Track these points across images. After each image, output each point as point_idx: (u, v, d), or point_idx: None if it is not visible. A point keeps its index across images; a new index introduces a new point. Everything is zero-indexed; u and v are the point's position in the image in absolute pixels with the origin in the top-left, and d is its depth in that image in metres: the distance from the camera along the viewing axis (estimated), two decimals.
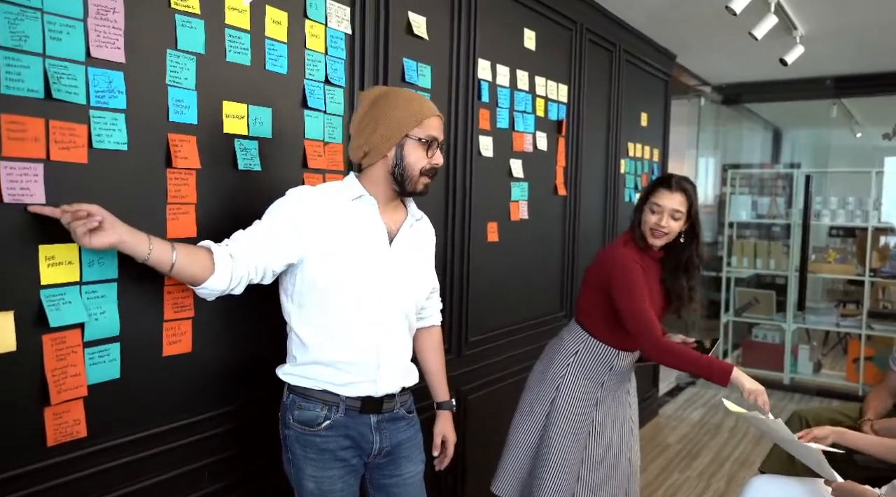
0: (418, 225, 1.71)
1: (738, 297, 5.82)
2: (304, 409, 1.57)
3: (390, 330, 1.61)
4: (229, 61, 1.67)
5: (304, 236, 1.51)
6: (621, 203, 3.91)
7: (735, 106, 6.13)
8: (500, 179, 2.83)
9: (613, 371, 2.19)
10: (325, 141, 1.96)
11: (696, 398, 5.09)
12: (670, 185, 2.07)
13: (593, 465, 2.18)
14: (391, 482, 1.68)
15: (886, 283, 5.45)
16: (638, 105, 4.11)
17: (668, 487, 3.45)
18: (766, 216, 6.08)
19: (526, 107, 2.95)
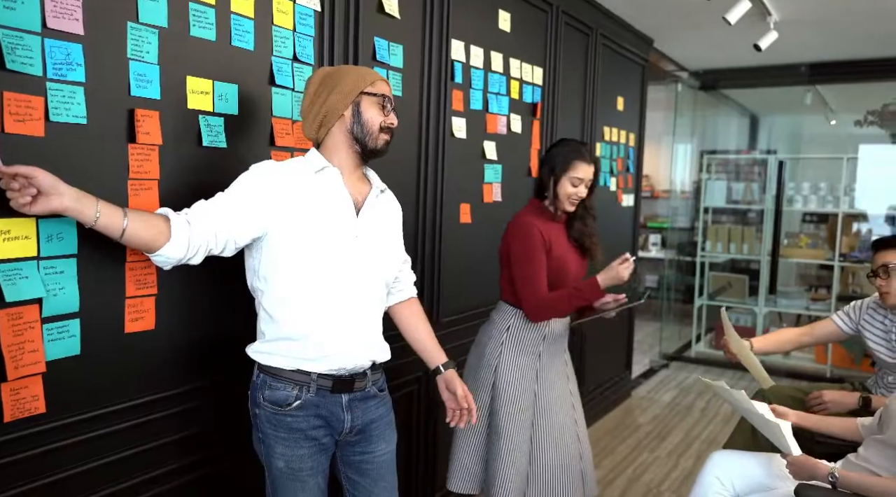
0: (383, 197, 1.71)
1: (713, 282, 5.90)
2: (275, 388, 1.56)
3: (361, 302, 1.61)
4: (194, 36, 1.65)
5: (268, 209, 1.50)
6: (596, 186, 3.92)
7: (712, 92, 6.17)
8: (474, 161, 2.83)
9: (547, 338, 2.22)
10: (293, 119, 1.94)
11: (669, 380, 5.16)
12: (586, 158, 2.17)
13: (544, 448, 2.21)
14: (362, 459, 1.69)
15: (856, 267, 5.54)
16: (614, 89, 4.12)
17: (638, 466, 3.51)
18: (741, 202, 6.15)
19: (500, 89, 2.94)
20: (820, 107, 6.60)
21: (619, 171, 4.25)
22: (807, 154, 7.01)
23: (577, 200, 2.18)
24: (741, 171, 6.74)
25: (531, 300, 2.12)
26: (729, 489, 2.05)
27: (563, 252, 2.17)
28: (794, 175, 6.07)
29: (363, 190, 1.65)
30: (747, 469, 2.05)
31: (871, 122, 6.09)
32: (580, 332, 3.84)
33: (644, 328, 6.29)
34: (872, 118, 6.06)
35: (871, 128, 6.18)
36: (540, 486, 2.22)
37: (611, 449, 3.74)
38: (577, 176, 2.16)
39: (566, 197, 2.17)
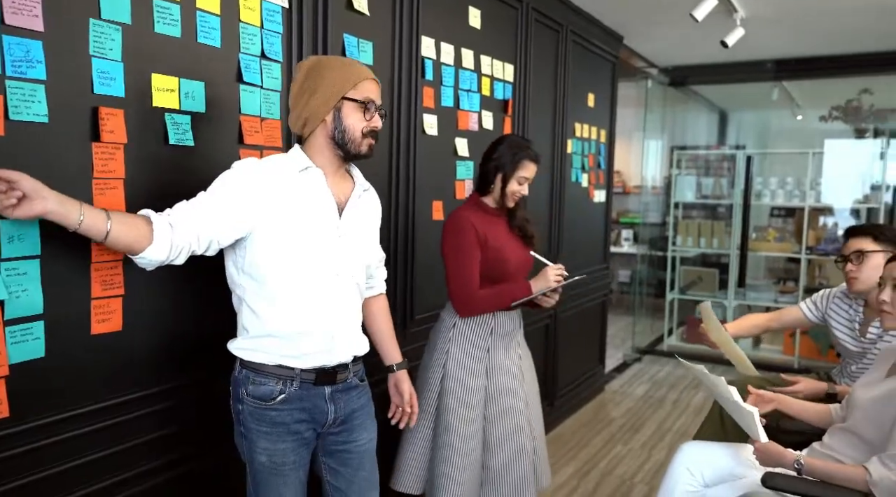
0: (366, 195, 1.73)
1: (683, 276, 5.99)
2: (258, 383, 1.57)
3: (343, 300, 1.63)
4: (158, 32, 1.63)
5: (252, 208, 1.50)
6: (568, 183, 3.96)
7: (681, 88, 6.24)
8: (445, 158, 2.84)
9: (495, 333, 2.23)
10: (261, 116, 1.93)
11: (642, 374, 5.23)
12: (534, 158, 2.21)
13: (496, 444, 2.21)
14: (343, 448, 1.71)
15: (822, 260, 5.66)
16: (585, 86, 4.15)
17: (611, 459, 3.55)
18: (711, 197, 6.24)
19: (471, 85, 2.95)
20: (786, 102, 6.72)
21: (590, 167, 4.29)
22: (774, 149, 7.13)
23: (518, 197, 2.23)
24: (711, 167, 6.84)
25: (460, 295, 2.16)
26: (699, 479, 2.08)
27: (501, 243, 2.19)
28: (761, 170, 6.17)
29: (346, 189, 1.66)
30: (716, 459, 2.09)
31: (835, 118, 6.23)
32: (553, 327, 3.87)
33: (617, 323, 6.36)
34: (837, 114, 6.19)
35: (835, 123, 6.32)
36: (493, 482, 2.23)
37: (585, 442, 3.78)
38: (525, 175, 2.20)
39: (512, 195, 2.21)
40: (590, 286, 4.37)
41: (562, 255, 3.87)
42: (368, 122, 1.60)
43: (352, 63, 1.62)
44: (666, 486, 2.12)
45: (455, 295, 2.17)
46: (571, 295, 4.08)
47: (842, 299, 2.59)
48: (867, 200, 5.55)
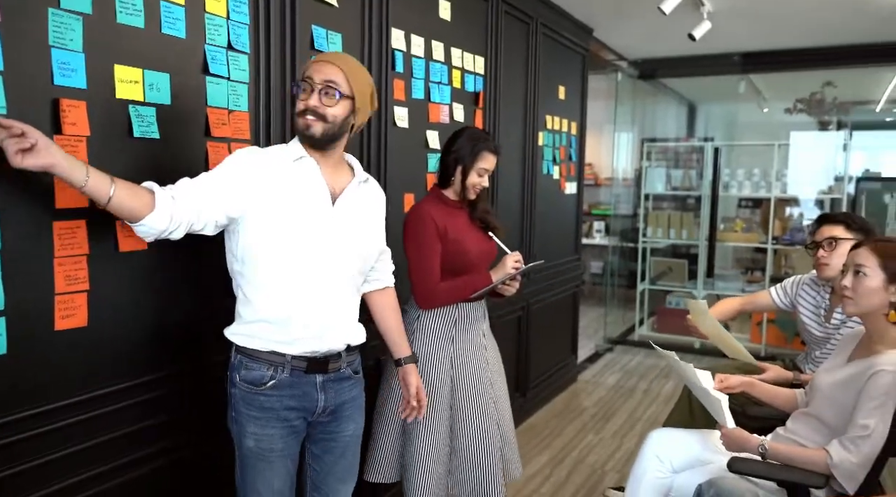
0: (365, 187, 1.74)
1: (654, 267, 6.07)
2: (250, 369, 1.60)
3: (335, 289, 1.64)
4: (120, 23, 1.60)
5: (247, 191, 1.53)
6: (539, 175, 3.98)
7: (651, 81, 6.31)
8: (417, 151, 2.83)
9: (459, 324, 2.25)
10: (229, 109, 1.91)
11: (614, 363, 5.29)
12: (494, 149, 2.23)
13: (464, 434, 2.23)
14: (329, 437, 1.74)
15: (788, 250, 5.78)
16: (556, 78, 4.17)
17: (583, 448, 3.60)
18: (681, 188, 6.32)
19: (442, 78, 2.95)
20: (753, 95, 6.84)
21: (561, 159, 4.32)
22: (741, 141, 7.25)
23: (479, 189, 2.24)
24: (680, 159, 6.93)
25: (421, 288, 2.17)
26: (667, 465, 2.12)
27: (461, 235, 2.21)
28: (729, 162, 6.27)
29: (343, 180, 1.68)
30: (684, 446, 2.13)
31: (800, 110, 6.35)
32: (526, 319, 3.90)
33: (589, 313, 6.42)
34: (801, 106, 6.32)
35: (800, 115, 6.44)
36: (462, 472, 2.25)
37: (558, 431, 3.82)
38: (485, 166, 2.21)
39: (472, 187, 2.22)
40: (562, 278, 4.41)
41: (534, 246, 3.90)
42: (300, 101, 1.59)
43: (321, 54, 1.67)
44: (635, 473, 2.15)
45: (417, 288, 2.18)
46: (544, 286, 4.11)
47: (811, 286, 2.66)
48: (831, 191, 5.67)
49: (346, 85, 1.58)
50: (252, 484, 1.63)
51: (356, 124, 1.65)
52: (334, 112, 1.58)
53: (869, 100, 7.29)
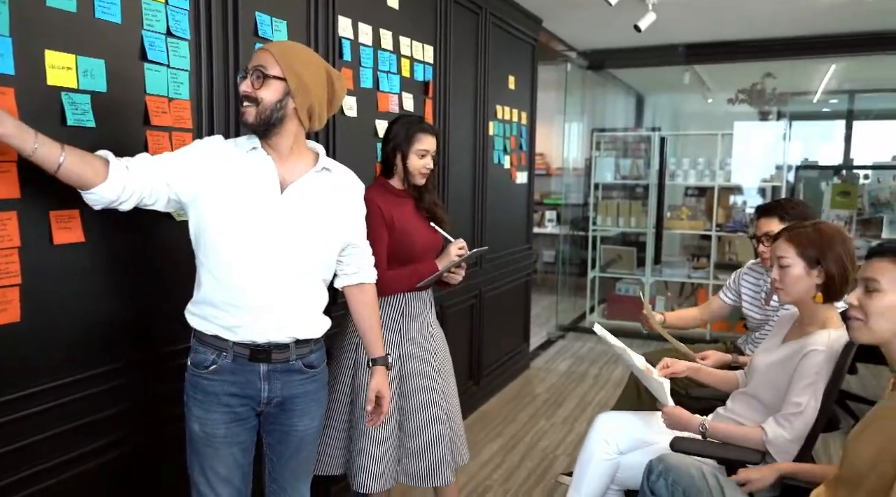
0: (328, 176, 1.68)
1: (604, 255, 6.18)
2: (197, 351, 1.63)
3: (284, 279, 1.60)
4: (50, 6, 1.54)
5: (199, 176, 1.55)
6: (490, 165, 4.00)
7: (600, 71, 6.40)
8: (366, 140, 2.82)
9: (406, 314, 2.25)
10: (169, 97, 1.86)
11: (565, 350, 5.39)
12: (428, 130, 2.23)
13: (413, 422, 2.24)
14: (281, 430, 1.72)
15: (731, 237, 5.97)
16: (506, 68, 4.19)
17: (535, 434, 3.66)
18: (629, 177, 6.45)
19: (390, 67, 2.93)
20: (698, 86, 7.01)
21: (512, 149, 4.35)
22: (686, 131, 7.43)
23: (427, 172, 2.23)
24: (628, 148, 7.06)
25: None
26: (614, 448, 2.17)
27: (409, 225, 2.21)
28: (675, 151, 6.42)
29: (299, 169, 1.63)
30: (630, 428, 2.19)
31: (741, 100, 6.54)
32: (479, 307, 3.93)
33: (541, 302, 6.51)
34: (743, 96, 6.51)
35: (742, 106, 6.64)
36: (411, 461, 2.26)
37: (511, 418, 3.87)
38: (423, 148, 2.20)
39: (416, 170, 2.21)
40: (514, 266, 4.45)
41: (485, 236, 3.92)
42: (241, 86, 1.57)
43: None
44: (583, 456, 2.20)
45: None
46: (496, 275, 4.15)
47: (753, 270, 2.76)
48: (772, 179, 5.87)
49: (275, 66, 1.53)
50: (199, 468, 1.63)
51: (303, 109, 1.58)
52: (263, 95, 1.53)
53: (806, 91, 7.56)
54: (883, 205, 5.26)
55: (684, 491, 1.66)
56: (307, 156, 1.67)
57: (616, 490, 2.19)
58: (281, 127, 1.58)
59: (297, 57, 1.57)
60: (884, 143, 7.78)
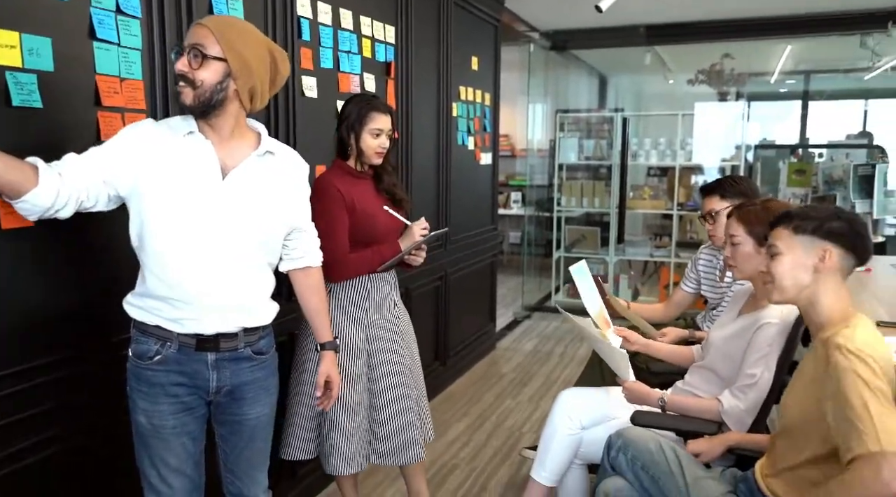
0: (271, 159, 1.63)
1: (568, 235, 6.24)
2: (139, 342, 1.57)
3: (228, 267, 1.56)
4: None
5: (135, 167, 1.48)
6: (454, 145, 4.00)
7: (563, 52, 6.42)
8: (328, 122, 2.78)
9: (371, 295, 2.25)
10: (121, 77, 1.81)
11: (531, 330, 5.44)
12: (381, 109, 2.20)
13: (384, 404, 2.25)
14: (233, 420, 1.69)
15: (692, 215, 6.07)
16: (468, 49, 4.18)
17: (501, 413, 3.70)
18: (593, 158, 6.50)
19: (351, 47, 2.90)
20: (659, 67, 7.07)
21: (476, 130, 4.35)
22: (648, 112, 7.51)
23: (382, 152, 2.20)
24: (592, 129, 7.12)
25: (329, 260, 2.11)
26: (577, 423, 2.21)
27: (369, 207, 2.20)
28: (637, 131, 6.49)
29: (241, 153, 1.57)
30: (592, 403, 2.23)
31: (701, 81, 6.63)
32: (444, 289, 3.94)
33: (507, 282, 6.55)
34: (702, 77, 6.60)
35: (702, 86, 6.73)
36: (382, 440, 2.27)
37: (477, 398, 3.91)
38: (376, 127, 2.18)
39: (371, 150, 2.18)
40: (479, 248, 4.47)
41: (451, 217, 3.93)
42: (177, 65, 1.49)
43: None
44: (547, 432, 2.24)
45: (325, 260, 2.14)
46: (462, 256, 4.16)
47: (707, 252, 2.81)
48: (732, 159, 5.98)
49: (214, 46, 1.46)
50: (148, 460, 1.59)
51: (245, 91, 1.51)
52: (202, 76, 1.46)
53: (764, 72, 7.70)
54: (836, 182, 5.41)
55: (643, 465, 1.70)
56: (249, 137, 1.61)
57: (579, 464, 2.24)
58: (221, 109, 1.51)
59: (238, 35, 1.49)
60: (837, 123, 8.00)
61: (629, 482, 1.72)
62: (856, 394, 1.33)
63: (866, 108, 8.60)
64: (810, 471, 1.47)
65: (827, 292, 1.52)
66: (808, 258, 1.53)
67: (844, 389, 1.35)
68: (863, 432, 1.30)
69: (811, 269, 1.53)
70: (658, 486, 1.66)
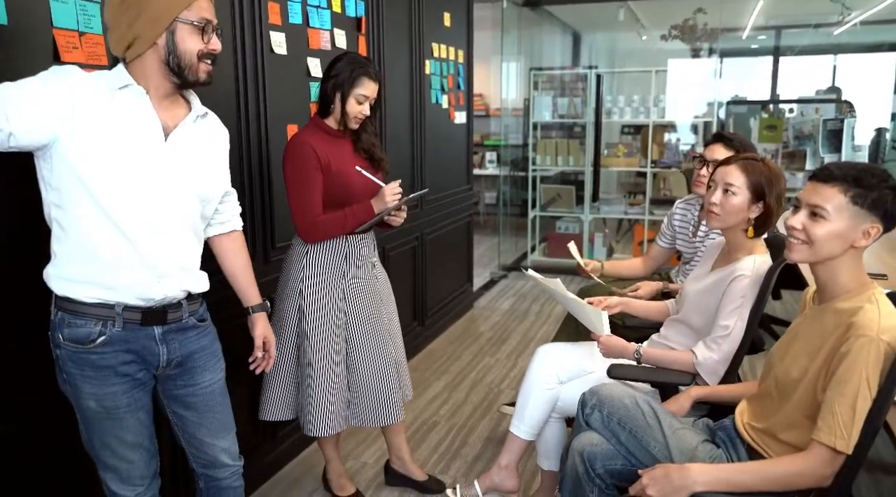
0: (203, 122, 1.60)
1: (544, 194, 6.25)
2: (75, 326, 1.46)
3: (170, 230, 1.51)
4: None
5: (60, 113, 1.34)
6: (428, 104, 3.94)
7: (536, 9, 6.33)
8: (298, 79, 2.72)
9: (350, 256, 2.24)
10: (80, 31, 1.73)
11: (508, 289, 5.48)
12: (372, 75, 2.15)
13: (361, 365, 2.26)
14: (186, 392, 1.64)
15: (665, 173, 6.11)
16: (440, 4, 4.08)
17: (480, 370, 3.74)
18: (567, 116, 6.48)
19: (320, 2, 2.81)
20: (633, 23, 7.01)
21: (450, 88, 4.29)
22: (622, 69, 7.47)
23: (361, 119, 2.17)
24: (566, 87, 7.07)
25: (302, 221, 2.13)
26: (554, 378, 2.24)
27: (346, 167, 2.16)
28: (611, 89, 6.47)
29: (177, 113, 1.53)
30: (569, 358, 2.25)
31: (674, 37, 6.59)
32: (421, 249, 3.93)
33: (484, 242, 6.57)
34: (675, 33, 6.56)
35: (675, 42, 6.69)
36: (362, 402, 2.29)
37: (456, 356, 3.95)
38: (364, 93, 2.13)
39: (351, 115, 2.14)
40: (455, 207, 4.45)
41: (425, 177, 3.90)
42: (206, 45, 1.47)
43: None
44: (525, 388, 2.26)
45: (297, 221, 2.14)
46: (437, 217, 4.14)
47: (683, 205, 2.82)
48: (704, 116, 5.99)
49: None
50: (102, 441, 1.53)
51: (133, 45, 1.43)
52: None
53: (736, 27, 7.69)
54: (806, 137, 5.47)
55: (619, 420, 1.70)
56: (181, 97, 1.56)
57: (557, 418, 2.27)
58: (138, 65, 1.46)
59: None
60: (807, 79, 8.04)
61: (605, 438, 1.73)
62: (853, 384, 1.36)
63: (835, 64, 8.66)
64: (791, 432, 1.52)
65: (851, 263, 1.47)
66: (852, 231, 1.43)
67: (849, 375, 1.37)
68: (839, 427, 1.37)
69: (849, 242, 1.44)
70: (636, 439, 1.67)
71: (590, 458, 1.70)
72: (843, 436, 1.37)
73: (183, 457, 1.76)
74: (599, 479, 1.69)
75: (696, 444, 1.68)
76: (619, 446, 1.71)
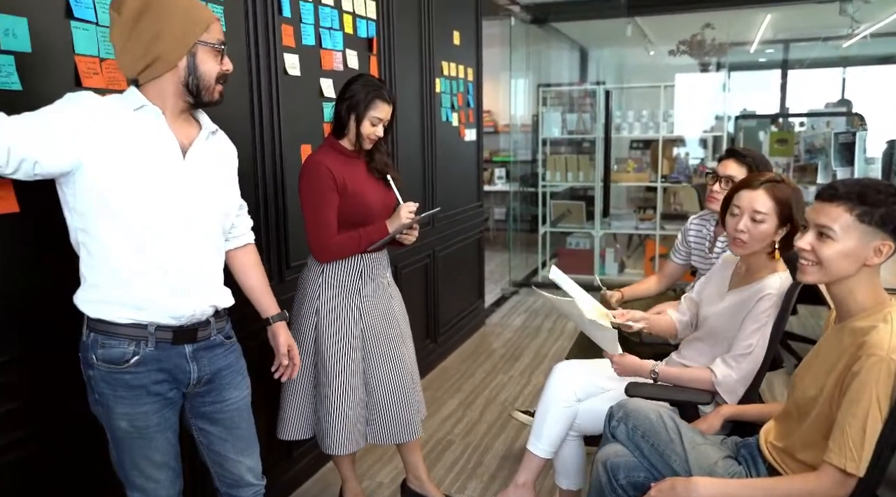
0: (214, 138, 1.63)
1: (554, 210, 6.25)
2: (108, 346, 1.48)
3: (195, 248, 1.54)
4: None
5: (82, 139, 1.37)
6: (438, 122, 3.96)
7: (544, 26, 6.37)
8: (311, 100, 2.74)
9: (366, 274, 2.24)
10: (101, 57, 1.76)
11: (519, 305, 5.46)
12: (386, 98, 2.17)
13: (380, 382, 2.25)
14: (213, 409, 1.66)
15: (676, 187, 6.10)
16: (450, 23, 4.12)
17: (494, 387, 3.72)
18: (576, 132, 6.50)
19: (332, 23, 2.84)
20: (640, 39, 7.05)
21: (459, 106, 4.31)
22: (630, 84, 7.49)
23: (375, 140, 2.19)
24: (574, 103, 7.10)
25: (316, 241, 2.14)
26: (572, 396, 2.22)
27: (361, 188, 2.18)
28: (620, 104, 6.49)
29: (190, 132, 1.56)
30: (586, 375, 2.24)
31: (682, 52, 6.62)
32: (433, 266, 3.94)
33: (494, 259, 6.57)
34: (684, 48, 6.58)
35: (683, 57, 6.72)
36: (380, 420, 2.28)
37: (469, 374, 3.93)
38: (378, 115, 2.15)
39: (364, 136, 2.16)
40: (466, 224, 4.46)
41: (436, 195, 3.91)
42: (222, 66, 1.53)
43: (195, 2, 1.51)
44: (542, 405, 2.25)
45: (312, 241, 2.15)
46: (449, 234, 4.15)
47: (698, 220, 2.80)
48: (713, 130, 6.00)
49: None
50: (130, 462, 1.54)
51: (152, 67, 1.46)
52: None
53: (744, 41, 7.71)
54: (818, 151, 5.45)
55: (643, 434, 1.72)
56: (191, 116, 1.60)
57: (574, 436, 2.25)
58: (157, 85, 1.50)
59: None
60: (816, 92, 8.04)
61: (629, 450, 1.74)
62: (864, 404, 1.35)
63: (844, 76, 8.66)
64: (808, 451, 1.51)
65: (866, 281, 1.45)
66: (862, 249, 1.40)
67: (859, 394, 1.35)
68: (849, 448, 1.35)
69: (861, 261, 1.41)
70: (658, 453, 1.68)
71: (613, 468, 1.71)
72: (854, 458, 1.35)
73: (205, 479, 1.76)
74: (622, 489, 1.70)
75: (717, 459, 1.67)
76: (643, 458, 1.72)
